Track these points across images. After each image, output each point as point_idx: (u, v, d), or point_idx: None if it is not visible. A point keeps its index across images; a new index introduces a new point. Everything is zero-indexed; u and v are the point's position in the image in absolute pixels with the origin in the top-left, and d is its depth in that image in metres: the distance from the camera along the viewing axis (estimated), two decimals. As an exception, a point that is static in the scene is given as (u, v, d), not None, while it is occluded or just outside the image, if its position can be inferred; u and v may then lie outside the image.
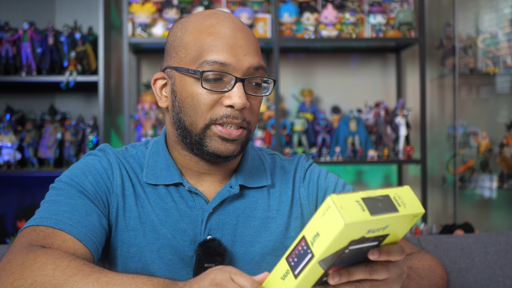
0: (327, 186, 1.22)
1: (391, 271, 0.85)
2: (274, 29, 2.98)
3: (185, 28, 1.13)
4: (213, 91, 1.08)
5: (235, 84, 1.08)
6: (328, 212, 0.77)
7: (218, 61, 1.07)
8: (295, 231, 1.18)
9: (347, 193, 0.79)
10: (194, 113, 1.09)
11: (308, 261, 0.80)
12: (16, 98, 3.23)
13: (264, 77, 1.12)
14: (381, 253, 0.83)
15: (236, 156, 1.12)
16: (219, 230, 1.13)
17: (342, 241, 0.77)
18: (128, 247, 1.11)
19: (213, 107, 1.08)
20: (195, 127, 1.10)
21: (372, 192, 0.81)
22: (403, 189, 0.84)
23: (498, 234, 1.70)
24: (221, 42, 1.08)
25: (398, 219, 0.81)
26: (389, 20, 3.11)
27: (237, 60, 1.08)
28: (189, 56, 1.10)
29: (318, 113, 3.20)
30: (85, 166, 1.13)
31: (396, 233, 0.84)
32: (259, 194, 1.19)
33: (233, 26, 1.11)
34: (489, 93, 3.46)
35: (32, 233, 1.01)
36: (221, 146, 1.09)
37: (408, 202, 0.82)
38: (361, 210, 0.77)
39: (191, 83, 1.09)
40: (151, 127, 3.03)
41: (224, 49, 1.08)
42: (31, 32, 2.97)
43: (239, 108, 1.07)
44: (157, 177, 1.15)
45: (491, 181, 3.19)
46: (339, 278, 0.82)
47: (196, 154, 1.13)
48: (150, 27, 2.98)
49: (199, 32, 1.10)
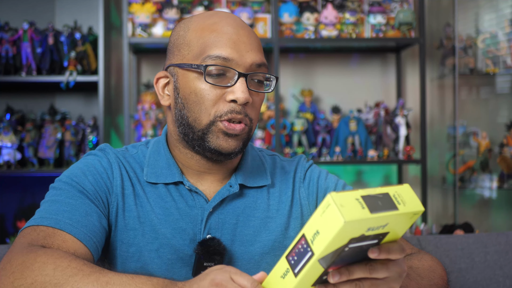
0: (327, 186, 1.23)
1: (391, 270, 0.85)
2: (274, 29, 2.98)
3: (187, 27, 1.14)
4: (216, 85, 1.08)
5: (238, 79, 1.08)
6: (328, 210, 0.77)
7: (221, 56, 1.08)
8: (294, 231, 1.18)
9: (347, 191, 0.79)
10: (198, 109, 1.10)
11: (308, 259, 0.80)
12: (16, 98, 3.23)
13: (267, 73, 1.13)
14: (381, 251, 0.83)
15: (238, 153, 1.12)
16: (219, 229, 1.13)
17: (342, 239, 0.78)
18: (127, 247, 1.11)
19: (217, 103, 1.09)
20: (199, 123, 1.10)
21: (372, 190, 0.81)
22: (403, 187, 0.84)
23: (498, 234, 1.70)
24: (224, 38, 1.09)
25: (397, 217, 0.81)
26: (389, 20, 3.11)
27: (240, 55, 1.09)
28: (192, 52, 1.11)
29: (318, 113, 3.20)
30: (85, 166, 1.14)
31: (396, 231, 0.84)
32: (259, 193, 1.19)
33: (235, 24, 1.12)
34: (489, 93, 3.46)
35: (32, 233, 1.01)
36: (223, 142, 1.09)
37: (407, 200, 0.82)
38: (360, 208, 0.77)
39: (194, 79, 1.10)
40: (151, 127, 3.03)
41: (227, 44, 1.09)
42: (31, 32, 2.97)
43: (242, 102, 1.08)
44: (157, 175, 1.15)
45: (491, 181, 3.19)
46: (339, 276, 0.82)
47: (198, 151, 1.13)
48: (150, 27, 2.98)
49: (202, 29, 1.12)
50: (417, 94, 3.25)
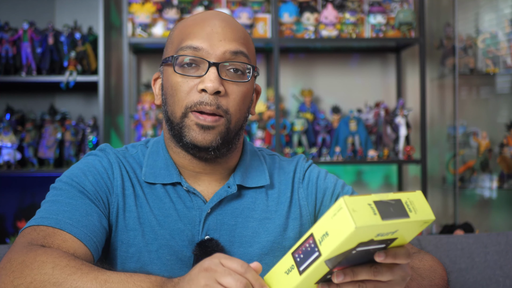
0: (326, 186, 1.22)
1: (395, 274, 0.85)
2: (274, 29, 2.98)
3: (176, 27, 1.17)
4: (188, 76, 1.08)
5: (208, 68, 1.07)
6: (339, 213, 0.77)
7: (192, 45, 1.09)
8: (293, 232, 1.18)
9: (360, 195, 0.79)
10: (173, 102, 1.10)
11: (315, 259, 0.80)
12: (16, 98, 3.23)
13: (240, 62, 1.10)
14: (387, 256, 0.83)
15: (219, 148, 1.10)
16: (217, 230, 1.13)
17: (350, 243, 0.78)
18: (127, 247, 1.11)
19: (188, 94, 1.08)
20: (175, 116, 1.10)
21: (385, 196, 0.80)
22: (415, 194, 0.84)
23: (498, 234, 1.70)
24: (198, 29, 1.10)
25: (408, 225, 0.81)
26: (389, 20, 3.11)
27: (211, 45, 1.09)
28: (172, 48, 1.13)
29: (318, 113, 3.20)
30: (85, 166, 1.13)
31: (404, 237, 0.84)
32: (258, 194, 1.18)
33: (215, 17, 1.13)
34: (489, 93, 3.46)
35: (32, 233, 1.01)
36: (198, 135, 1.08)
37: (419, 208, 0.82)
38: (372, 214, 0.77)
39: (171, 73, 1.11)
40: (151, 127, 3.03)
41: (199, 35, 1.09)
42: (31, 32, 2.97)
43: (211, 91, 1.06)
44: (155, 176, 1.15)
45: (491, 181, 3.19)
46: (343, 277, 0.83)
47: (182, 148, 1.13)
48: (150, 27, 2.98)
49: (184, 26, 1.14)
50: (417, 94, 3.25)
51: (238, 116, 1.11)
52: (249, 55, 1.12)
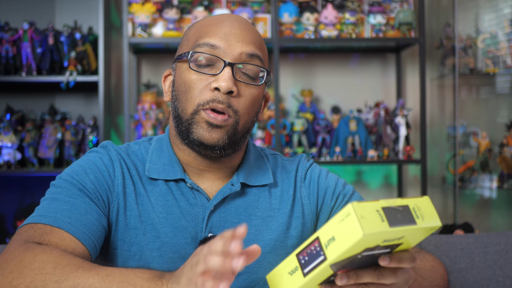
0: (327, 185, 1.23)
1: (398, 277, 0.86)
2: (274, 29, 2.98)
3: (193, 25, 1.18)
4: (202, 73, 1.09)
5: (224, 68, 1.08)
6: (347, 219, 0.77)
7: (209, 43, 1.09)
8: (296, 230, 1.18)
9: (368, 201, 0.79)
10: (185, 99, 1.10)
11: (320, 262, 0.80)
12: (16, 98, 3.23)
13: (255, 64, 1.11)
14: (391, 260, 0.83)
15: (225, 148, 1.11)
16: (221, 228, 1.13)
17: (357, 248, 0.78)
18: (128, 246, 1.11)
19: (202, 92, 1.09)
20: (185, 113, 1.11)
21: (393, 202, 0.80)
22: (423, 199, 0.84)
23: (498, 234, 1.70)
24: (216, 28, 1.11)
25: (414, 231, 0.81)
26: (389, 20, 3.11)
27: (228, 44, 1.09)
28: (188, 45, 1.14)
29: (318, 113, 3.20)
30: (86, 163, 1.13)
31: (409, 242, 0.84)
32: (261, 192, 1.19)
33: (233, 18, 1.14)
34: (489, 93, 3.46)
35: (29, 231, 1.01)
36: (206, 133, 1.08)
37: (426, 214, 0.82)
38: (380, 221, 0.77)
39: (185, 69, 1.12)
40: (151, 127, 3.02)
41: (217, 34, 1.10)
42: (31, 32, 2.97)
43: (224, 90, 1.07)
44: (159, 172, 1.15)
45: (491, 181, 3.19)
46: (347, 279, 0.83)
47: (188, 145, 1.13)
48: (150, 27, 2.98)
49: (201, 25, 1.15)
50: (417, 94, 3.25)
51: (246, 118, 1.12)
52: (264, 59, 1.14)
